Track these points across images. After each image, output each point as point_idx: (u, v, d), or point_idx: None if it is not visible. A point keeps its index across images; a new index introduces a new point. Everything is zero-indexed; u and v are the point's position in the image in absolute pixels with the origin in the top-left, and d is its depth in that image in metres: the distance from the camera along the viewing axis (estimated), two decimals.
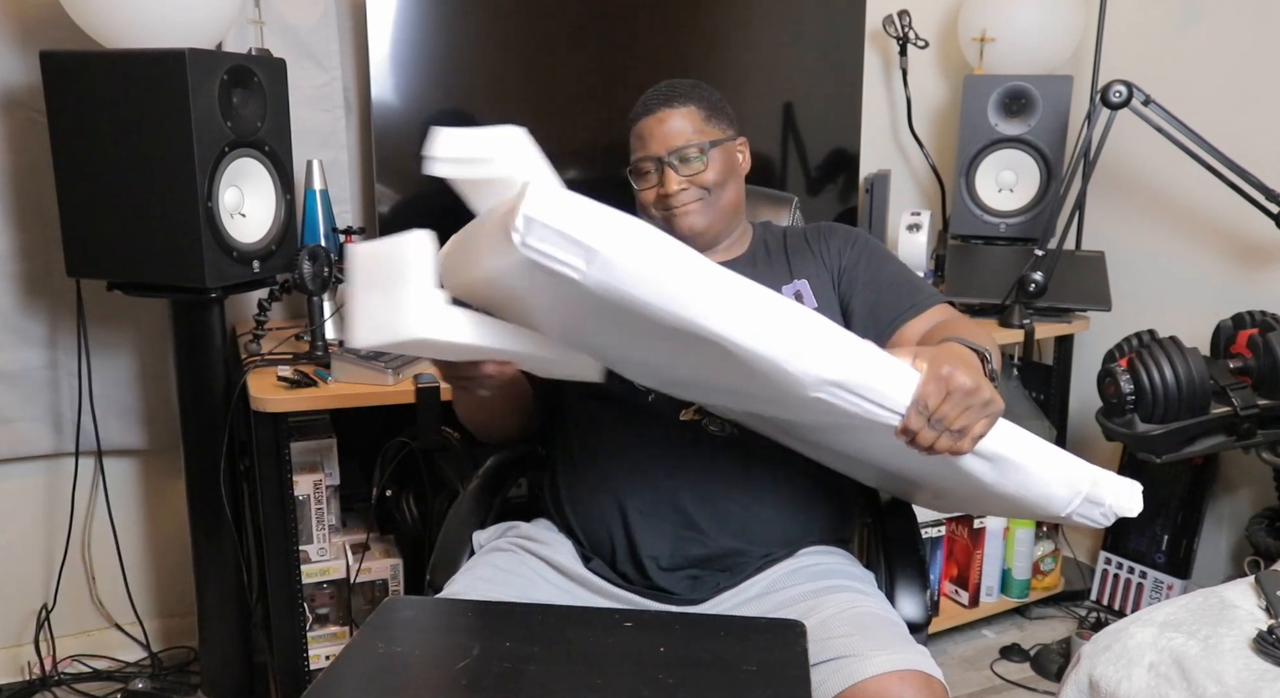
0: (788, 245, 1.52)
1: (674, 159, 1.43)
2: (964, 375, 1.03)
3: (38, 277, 2.08)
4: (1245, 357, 1.93)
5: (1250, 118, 2.26)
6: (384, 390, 1.78)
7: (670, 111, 1.44)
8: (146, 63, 1.65)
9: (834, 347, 0.99)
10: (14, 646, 2.24)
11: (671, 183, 1.43)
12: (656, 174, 1.44)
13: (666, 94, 1.45)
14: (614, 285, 0.90)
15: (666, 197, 1.43)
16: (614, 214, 0.92)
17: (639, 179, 1.47)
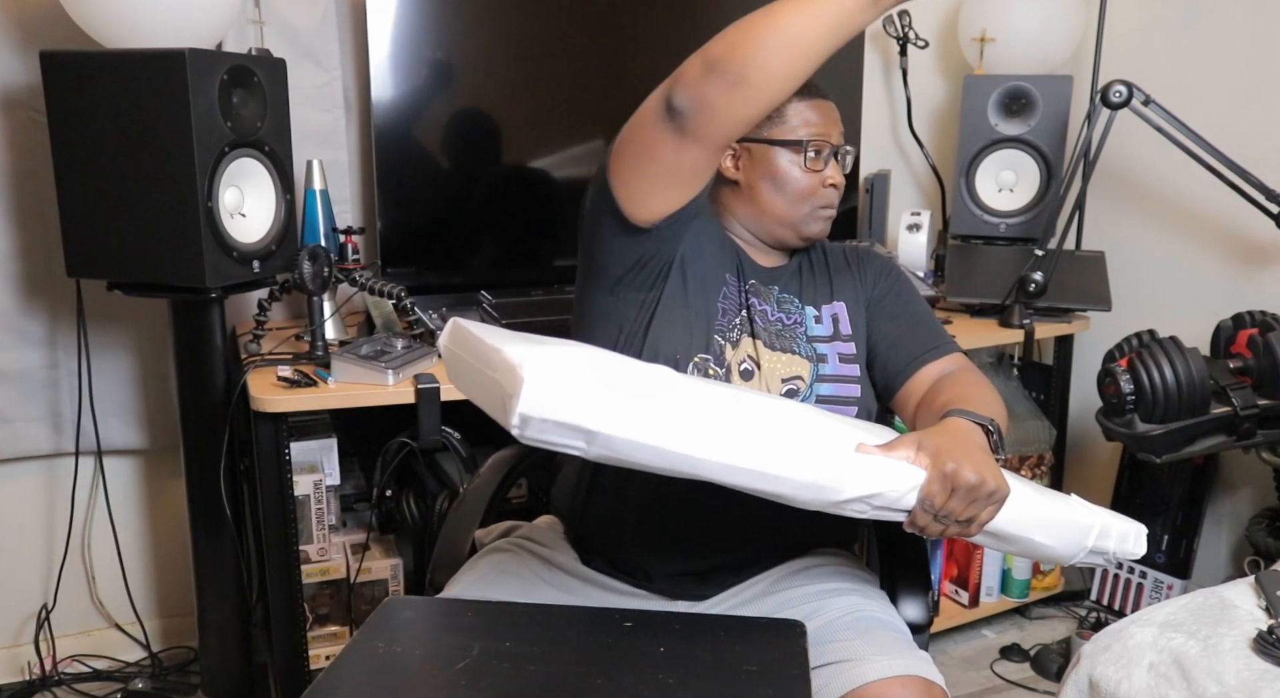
0: (829, 262, 1.47)
1: (843, 153, 1.40)
2: (969, 470, 1.05)
3: (38, 277, 2.08)
4: (1245, 357, 1.93)
5: (1250, 118, 2.26)
6: (384, 390, 1.78)
7: (831, 106, 1.41)
8: (146, 63, 1.65)
9: (839, 470, 1.03)
10: (14, 646, 2.24)
11: (840, 174, 1.39)
12: (822, 160, 1.37)
13: (819, 88, 1.40)
14: (618, 455, 0.97)
15: (834, 188, 1.39)
16: (610, 389, 0.97)
17: (810, 157, 1.37)
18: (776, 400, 1.18)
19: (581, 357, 1.06)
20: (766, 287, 1.40)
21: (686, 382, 1.10)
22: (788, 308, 1.40)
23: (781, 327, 1.38)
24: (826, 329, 1.39)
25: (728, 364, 1.33)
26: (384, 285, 1.93)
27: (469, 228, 2.24)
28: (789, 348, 1.36)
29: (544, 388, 0.93)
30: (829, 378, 1.36)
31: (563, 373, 0.96)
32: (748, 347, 1.35)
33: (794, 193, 1.37)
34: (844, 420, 1.19)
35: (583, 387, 0.96)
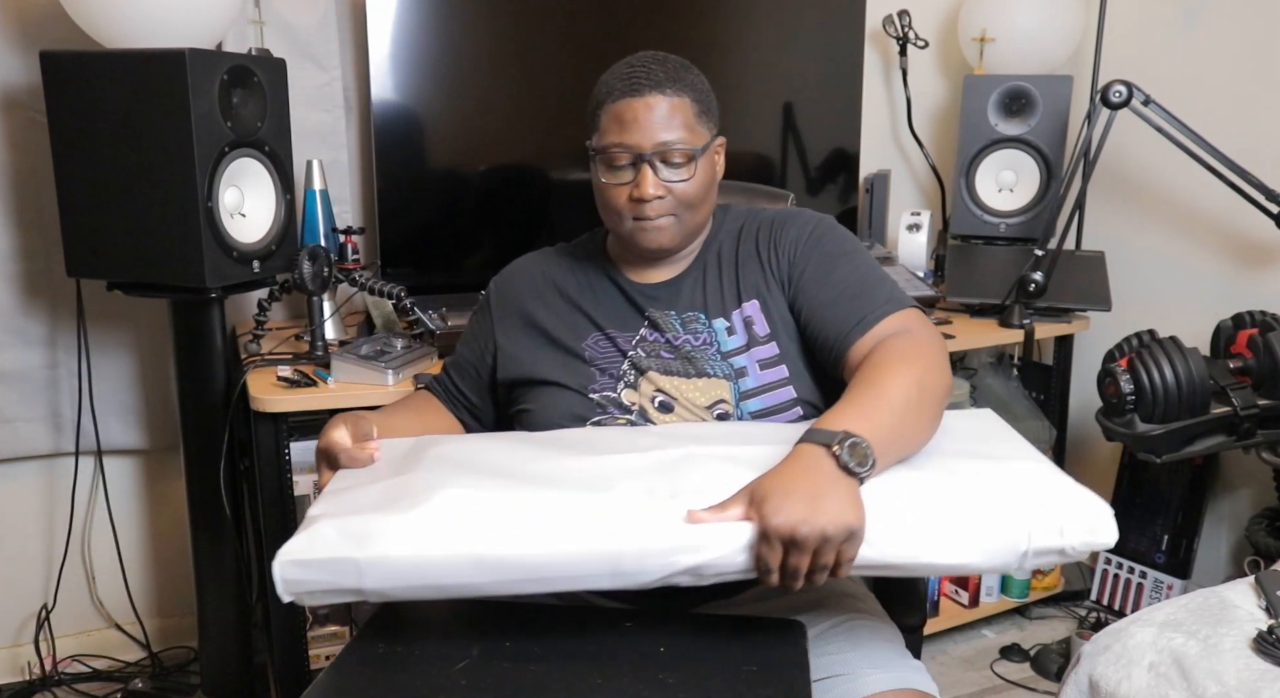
0: (739, 251, 1.34)
1: (657, 158, 1.24)
2: (792, 521, 0.93)
3: (38, 277, 2.08)
4: (1245, 357, 1.93)
5: (1250, 118, 2.26)
6: (384, 390, 1.78)
7: (661, 99, 1.23)
8: (146, 63, 1.65)
9: (653, 550, 0.95)
10: (14, 646, 2.24)
11: (649, 185, 1.23)
12: (632, 170, 1.24)
13: (658, 76, 1.24)
14: (396, 584, 0.98)
15: (640, 202, 1.24)
16: (373, 515, 0.98)
17: (608, 170, 1.26)
18: (603, 465, 1.07)
19: (358, 494, 1.05)
20: (664, 312, 1.32)
21: (463, 485, 1.02)
22: (695, 327, 1.31)
23: (690, 348, 1.30)
24: (740, 339, 1.30)
25: (637, 407, 1.28)
26: (384, 285, 1.93)
27: (469, 228, 2.24)
28: (703, 371, 1.28)
29: (298, 538, 0.96)
30: (753, 392, 1.27)
31: (320, 516, 0.98)
32: (654, 382, 1.29)
33: (603, 205, 1.30)
34: (713, 447, 1.10)
35: (338, 521, 0.96)
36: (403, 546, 0.95)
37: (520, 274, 1.42)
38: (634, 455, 1.09)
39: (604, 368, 1.31)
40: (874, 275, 1.29)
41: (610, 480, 1.03)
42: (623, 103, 1.24)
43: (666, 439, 1.15)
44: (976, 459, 1.08)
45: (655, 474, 1.03)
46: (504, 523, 0.97)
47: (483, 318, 1.42)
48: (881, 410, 1.07)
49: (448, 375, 1.45)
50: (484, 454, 1.14)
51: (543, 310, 1.37)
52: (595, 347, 1.33)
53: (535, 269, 1.42)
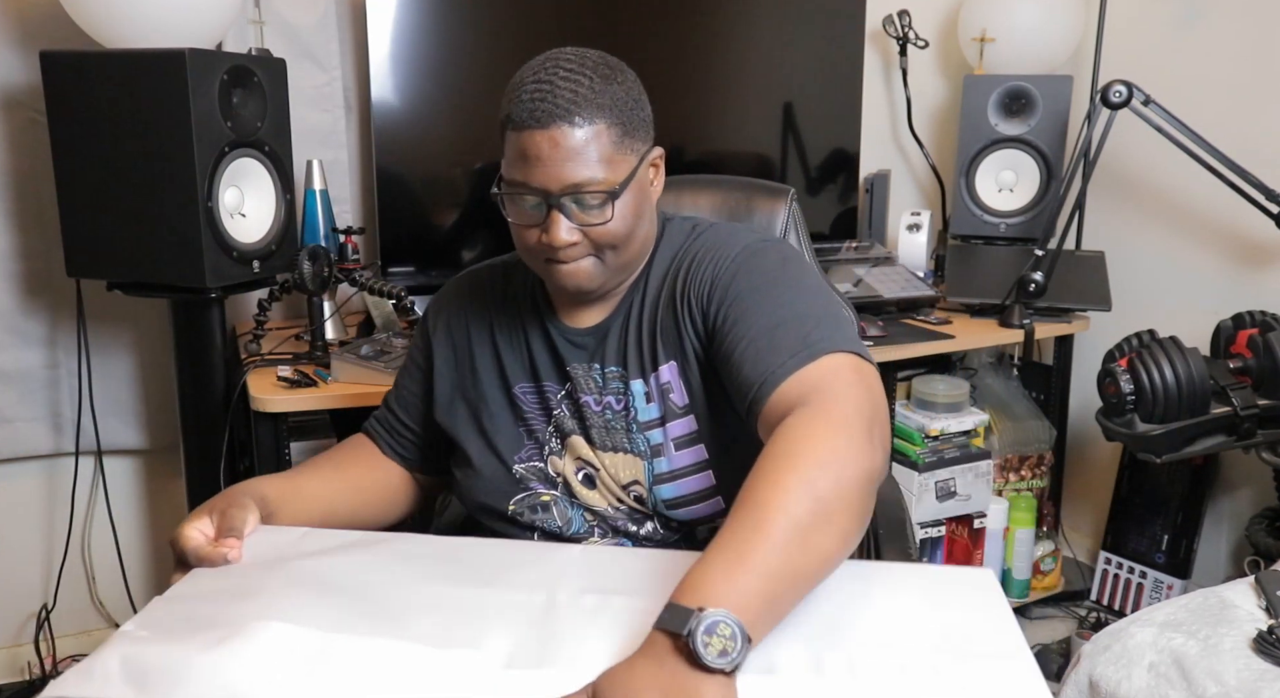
0: (657, 302, 1.15)
1: (569, 201, 1.05)
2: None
3: (38, 277, 2.08)
4: (1245, 357, 1.93)
5: (1250, 118, 2.26)
6: (384, 390, 1.77)
7: (570, 130, 1.02)
8: (146, 63, 1.65)
9: None
10: (14, 646, 2.24)
11: (561, 232, 1.05)
12: (541, 212, 1.05)
13: (565, 98, 1.02)
14: None
15: (552, 247, 1.07)
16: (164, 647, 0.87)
17: (514, 210, 1.07)
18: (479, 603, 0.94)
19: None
20: (587, 367, 1.17)
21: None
22: (615, 386, 1.15)
23: (610, 415, 1.15)
24: (656, 410, 1.13)
25: (561, 479, 1.17)
26: (384, 285, 1.93)
27: (469, 228, 2.24)
28: (620, 445, 1.14)
29: (77, 669, 0.86)
30: (666, 477, 1.13)
31: (121, 638, 0.89)
32: (576, 449, 1.16)
33: (517, 243, 1.12)
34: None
35: (134, 650, 0.87)
36: (187, 691, 0.82)
37: (456, 295, 1.28)
38: (523, 595, 0.95)
39: (531, 428, 1.19)
40: (793, 310, 1.05)
41: (478, 628, 0.89)
42: (525, 136, 1.03)
43: (566, 575, 0.99)
44: (948, 654, 0.89)
45: (534, 626, 0.90)
46: (310, 676, 0.83)
47: (420, 345, 1.29)
48: (755, 559, 0.83)
49: (389, 411, 1.32)
50: (354, 569, 1.02)
51: (476, 346, 1.23)
52: (524, 397, 1.20)
53: (468, 293, 1.27)
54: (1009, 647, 0.91)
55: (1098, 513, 2.63)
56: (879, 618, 0.94)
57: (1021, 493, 2.46)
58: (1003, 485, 2.47)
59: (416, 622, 0.92)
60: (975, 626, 0.95)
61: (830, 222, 2.59)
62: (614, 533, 1.17)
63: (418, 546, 1.13)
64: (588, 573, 1.02)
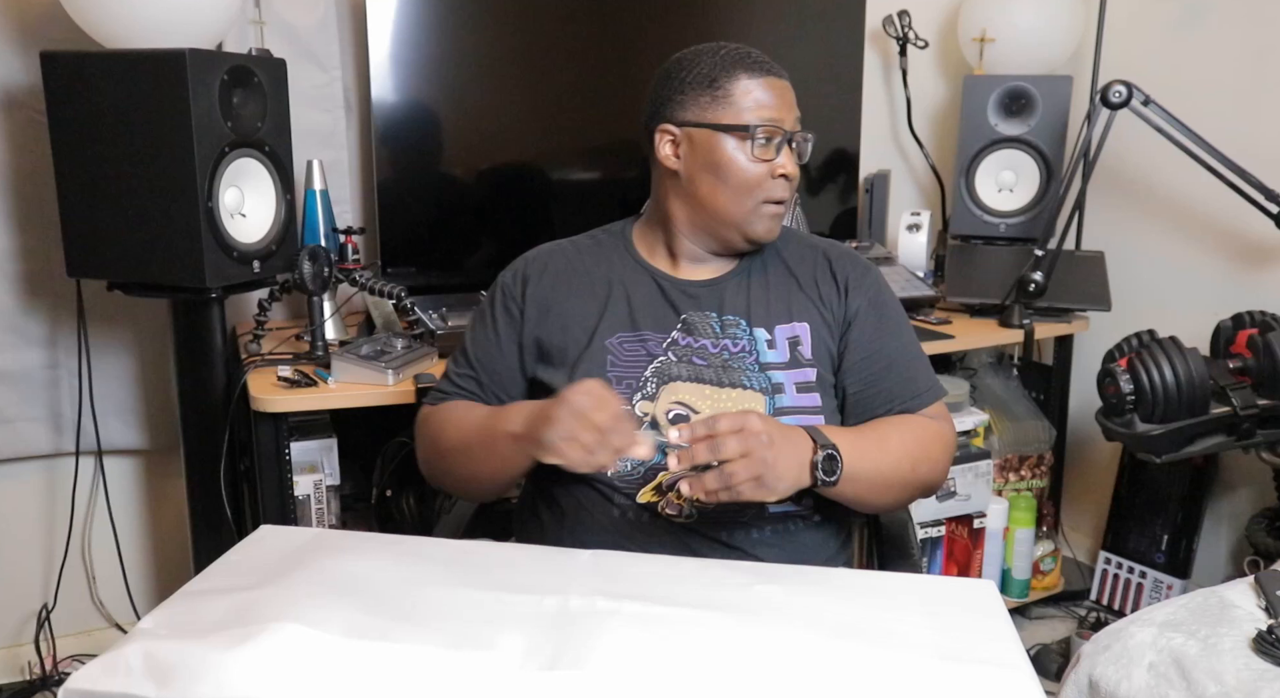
0: (798, 271, 1.32)
1: (799, 140, 1.25)
2: (745, 428, 1.03)
3: (38, 277, 2.08)
4: (1245, 357, 1.93)
5: (1250, 118, 2.26)
6: (384, 390, 1.78)
7: (786, 85, 1.25)
8: (146, 63, 1.65)
9: None
10: (14, 646, 2.24)
11: (792, 164, 1.24)
12: (773, 148, 1.23)
13: (773, 66, 1.25)
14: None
15: (783, 178, 1.24)
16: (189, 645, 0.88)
17: (756, 144, 1.23)
18: (495, 606, 0.96)
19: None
20: (703, 314, 1.28)
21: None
22: (733, 332, 1.27)
23: (728, 355, 1.26)
24: (781, 355, 1.27)
25: (649, 418, 1.24)
26: (384, 285, 1.93)
27: (469, 228, 2.24)
28: (738, 381, 1.24)
29: (99, 661, 0.87)
30: (788, 411, 1.24)
31: (141, 634, 0.91)
32: (676, 392, 1.25)
33: (738, 183, 1.24)
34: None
35: (154, 645, 0.87)
36: (206, 689, 0.84)
37: (543, 262, 1.35)
38: (535, 598, 0.98)
39: (622, 376, 1.26)
40: (919, 354, 1.34)
41: (490, 631, 0.91)
42: (767, 80, 1.23)
43: (578, 579, 1.03)
44: (948, 660, 0.91)
45: (547, 629, 0.92)
46: (326, 679, 0.85)
47: (506, 311, 1.34)
48: (873, 455, 1.17)
49: (474, 378, 1.35)
50: (367, 571, 1.03)
51: (569, 302, 1.31)
52: (620, 348, 1.27)
53: (559, 258, 1.35)
54: (1009, 657, 0.92)
55: (1098, 513, 2.63)
56: (880, 627, 0.95)
57: (1021, 493, 2.46)
58: (1002, 485, 2.47)
59: (430, 624, 0.92)
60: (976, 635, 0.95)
61: (830, 222, 2.59)
62: (691, 468, 1.21)
63: (430, 548, 1.14)
64: (600, 577, 1.03)
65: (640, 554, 1.16)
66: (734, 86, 1.22)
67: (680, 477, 1.06)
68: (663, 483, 1.24)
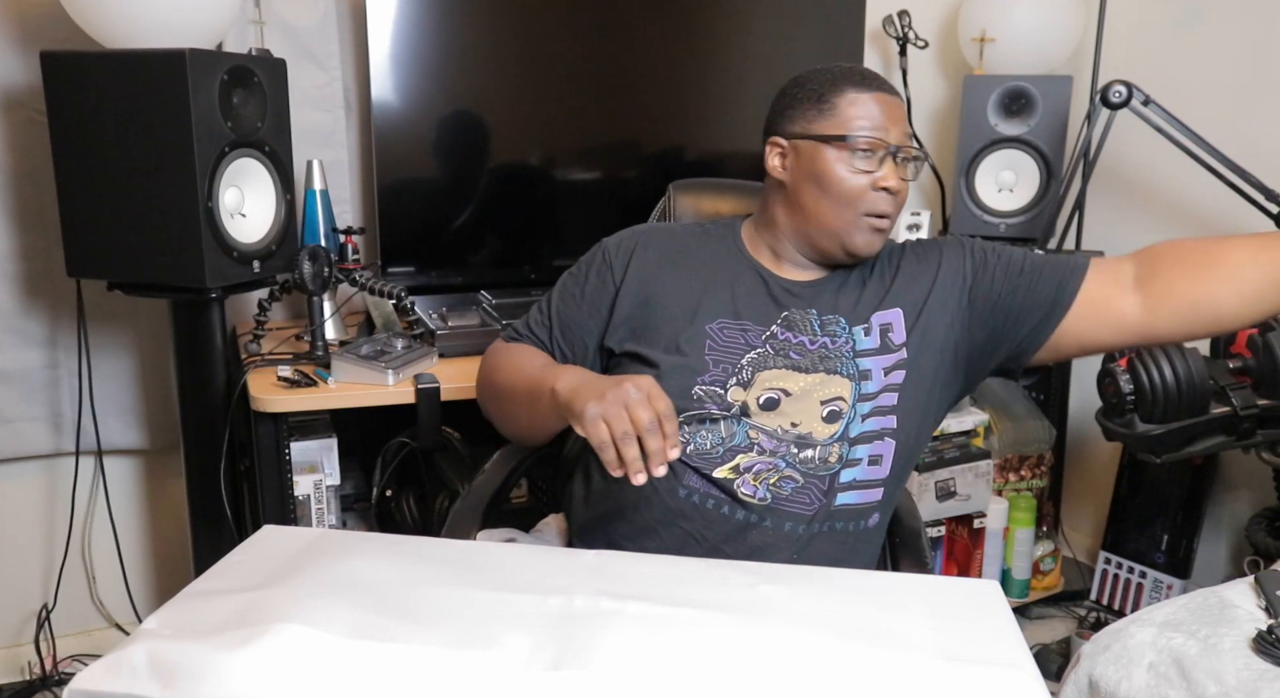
0: (889, 262, 1.34)
1: (903, 155, 1.26)
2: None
3: (38, 277, 2.08)
4: (1245, 357, 1.93)
5: (1250, 118, 2.26)
6: (384, 390, 1.78)
7: (898, 101, 1.27)
8: (146, 63, 1.65)
9: None
10: (14, 646, 2.24)
11: (896, 177, 1.25)
12: (877, 161, 1.25)
13: (883, 83, 1.27)
14: None
15: (888, 192, 1.25)
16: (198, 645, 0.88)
17: (858, 155, 1.25)
18: (499, 605, 0.96)
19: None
20: (804, 311, 1.32)
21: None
22: (833, 329, 1.31)
23: (826, 351, 1.29)
24: (874, 341, 1.30)
25: (739, 404, 1.27)
26: (384, 285, 1.93)
27: (469, 228, 2.24)
28: (833, 368, 1.28)
29: (104, 661, 0.87)
30: (869, 396, 1.28)
31: (146, 634, 0.90)
32: (770, 379, 1.28)
33: (838, 194, 1.26)
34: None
35: (160, 645, 0.87)
36: (210, 689, 0.84)
37: (651, 239, 1.38)
38: (538, 598, 0.98)
39: (719, 359, 1.28)
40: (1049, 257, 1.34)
41: (494, 631, 0.91)
42: (874, 94, 1.25)
43: (582, 580, 1.03)
44: (953, 661, 0.91)
45: (551, 629, 0.91)
46: (329, 679, 0.85)
47: (601, 276, 1.36)
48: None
49: (549, 334, 1.39)
50: (370, 571, 1.03)
51: (671, 281, 1.33)
52: (720, 334, 1.30)
53: (667, 238, 1.39)
54: (1013, 656, 0.92)
55: (1098, 513, 2.63)
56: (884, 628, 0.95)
57: (1021, 493, 2.46)
58: (1003, 485, 2.47)
59: (434, 624, 0.92)
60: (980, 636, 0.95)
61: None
62: (771, 454, 1.26)
63: (433, 548, 1.14)
64: (604, 577, 1.03)
65: (644, 554, 1.17)
66: (840, 99, 1.25)
67: None
68: (740, 464, 1.25)
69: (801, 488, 1.26)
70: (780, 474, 1.26)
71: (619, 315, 1.34)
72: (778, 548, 1.25)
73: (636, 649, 0.88)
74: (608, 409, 1.07)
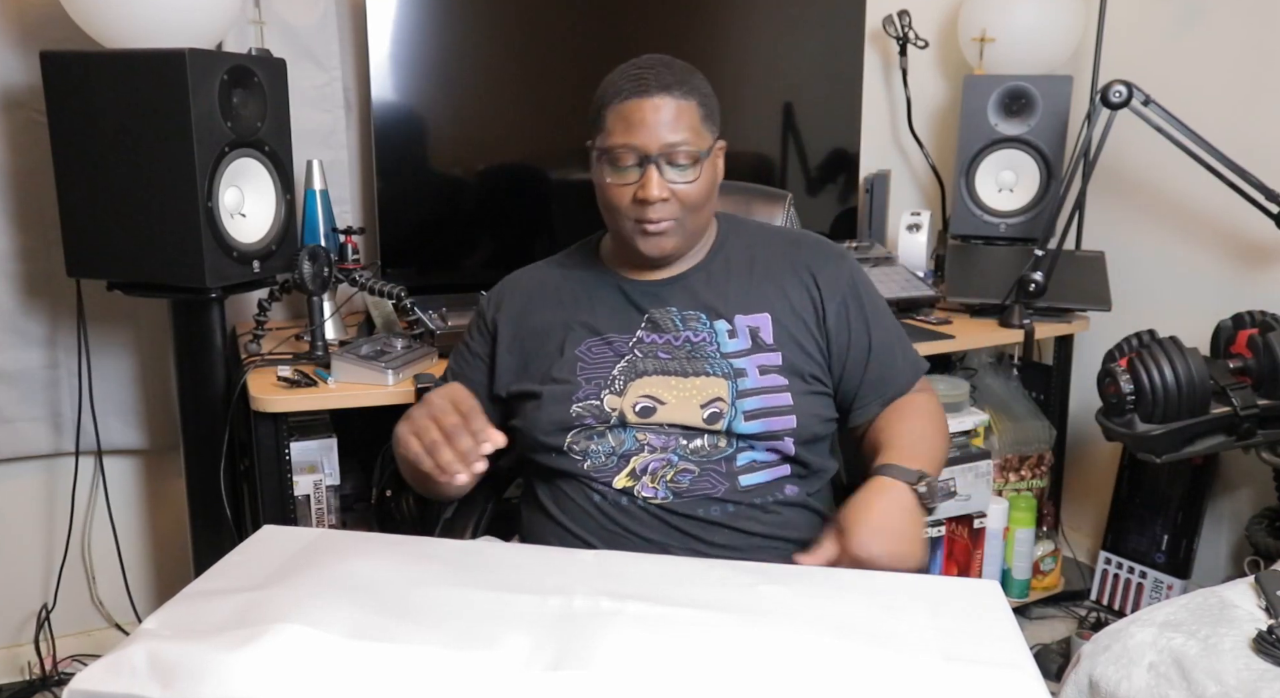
0: (756, 263, 1.37)
1: (663, 160, 1.25)
2: (879, 557, 1.14)
3: (38, 277, 2.08)
4: (1245, 357, 1.93)
5: (1250, 118, 2.26)
6: (384, 390, 1.78)
7: (668, 100, 1.25)
8: (146, 63, 1.65)
9: None
10: (14, 646, 2.24)
11: (653, 186, 1.25)
12: (638, 170, 1.26)
13: (666, 78, 1.25)
14: None
15: (645, 203, 1.26)
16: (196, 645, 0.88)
17: (612, 170, 1.28)
18: (498, 605, 0.96)
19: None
20: (664, 309, 1.35)
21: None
22: (694, 325, 1.34)
23: (690, 347, 1.32)
24: (743, 342, 1.33)
25: (617, 412, 1.30)
26: (384, 285, 1.93)
27: (469, 228, 2.24)
28: (702, 369, 1.31)
29: (104, 661, 0.87)
30: (751, 392, 1.30)
31: (145, 634, 0.91)
32: (643, 387, 1.31)
33: (606, 206, 1.32)
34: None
35: (159, 646, 0.87)
36: (210, 690, 0.84)
37: (516, 285, 1.47)
38: (538, 598, 0.98)
39: (591, 376, 1.33)
40: (899, 337, 1.42)
41: (494, 631, 0.91)
42: (630, 103, 1.25)
43: (582, 579, 1.03)
44: (953, 661, 0.91)
45: (551, 629, 0.92)
46: (330, 680, 0.85)
47: (480, 332, 1.46)
48: (932, 454, 1.29)
49: None
50: (370, 572, 1.03)
51: (538, 319, 1.39)
52: (589, 353, 1.35)
53: (531, 279, 1.46)
54: (1013, 656, 0.92)
55: (1098, 513, 2.63)
56: (885, 628, 0.95)
57: (1021, 493, 2.46)
58: (1003, 485, 2.47)
59: (434, 624, 0.92)
60: (980, 636, 0.96)
61: (830, 222, 2.59)
62: (662, 451, 1.30)
63: (433, 548, 1.15)
64: (604, 577, 1.03)
65: (644, 554, 1.18)
66: (606, 111, 1.28)
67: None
68: (635, 468, 1.30)
69: (699, 476, 1.30)
70: (675, 469, 1.29)
71: (500, 365, 1.41)
72: (703, 530, 1.29)
73: (636, 649, 0.88)
74: (415, 424, 1.18)
